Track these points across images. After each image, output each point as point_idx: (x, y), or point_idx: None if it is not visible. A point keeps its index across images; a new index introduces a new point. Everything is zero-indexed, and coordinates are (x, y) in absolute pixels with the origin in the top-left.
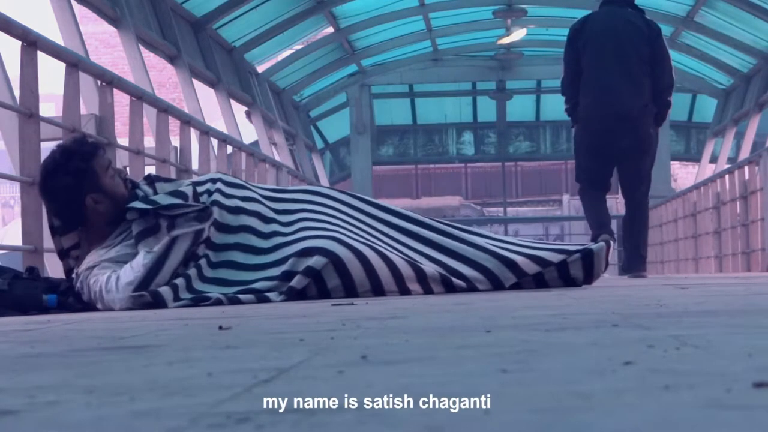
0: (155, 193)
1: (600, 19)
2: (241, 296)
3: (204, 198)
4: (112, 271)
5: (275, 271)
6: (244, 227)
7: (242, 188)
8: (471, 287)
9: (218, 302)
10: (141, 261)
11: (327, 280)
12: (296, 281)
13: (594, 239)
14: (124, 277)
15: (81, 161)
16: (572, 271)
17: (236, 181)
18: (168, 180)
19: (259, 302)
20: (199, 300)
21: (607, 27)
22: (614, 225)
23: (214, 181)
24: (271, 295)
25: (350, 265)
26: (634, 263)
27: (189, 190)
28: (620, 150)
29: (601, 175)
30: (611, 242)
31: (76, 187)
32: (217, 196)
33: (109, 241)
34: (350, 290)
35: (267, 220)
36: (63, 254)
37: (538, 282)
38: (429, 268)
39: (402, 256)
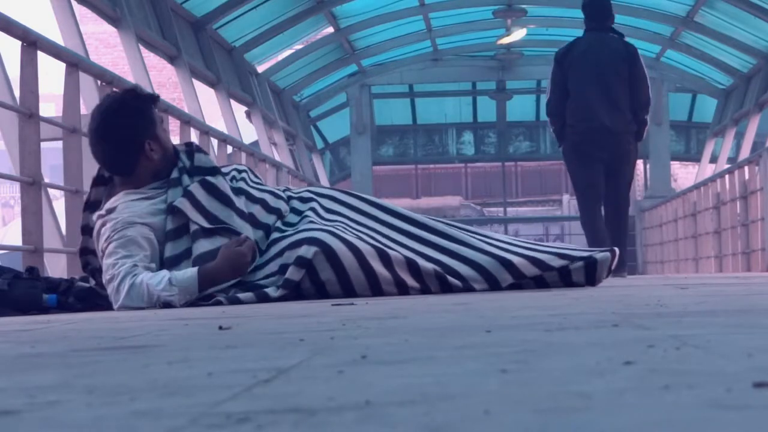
0: (192, 164)
1: (584, 43)
2: (241, 295)
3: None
4: (130, 275)
5: (273, 267)
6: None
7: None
8: (467, 287)
9: (218, 303)
10: (158, 291)
11: (319, 271)
12: (290, 273)
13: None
14: (136, 294)
15: (146, 107)
16: (574, 278)
17: (260, 180)
18: (206, 153)
19: (258, 300)
20: (200, 300)
21: (590, 51)
22: None
23: (239, 171)
24: (269, 290)
25: (342, 255)
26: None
27: (227, 188)
28: (603, 162)
29: (594, 178)
30: (616, 252)
31: (140, 129)
32: (242, 185)
33: (146, 190)
34: (345, 283)
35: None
36: (85, 229)
37: (538, 282)
38: (423, 262)
39: (396, 250)
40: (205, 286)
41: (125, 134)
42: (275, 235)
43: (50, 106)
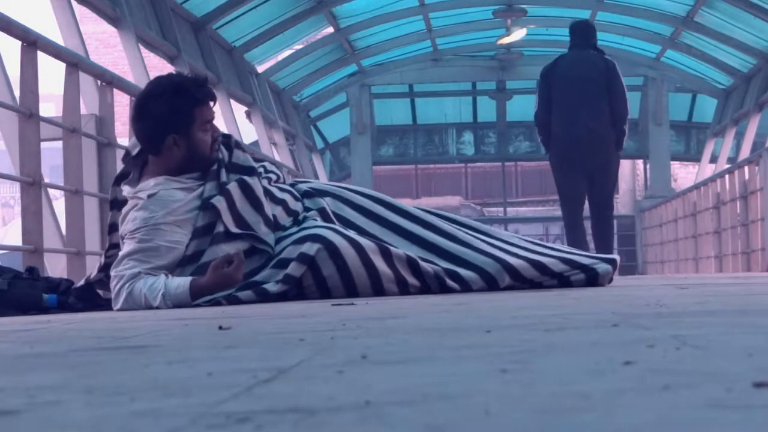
0: (230, 158)
1: (568, 60)
2: (240, 294)
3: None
4: (130, 282)
5: (273, 262)
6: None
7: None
8: (466, 288)
9: (217, 303)
10: (154, 304)
11: (322, 267)
12: (291, 268)
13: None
14: (133, 301)
15: (186, 102)
16: (573, 286)
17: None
18: (244, 151)
19: (258, 297)
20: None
21: (573, 67)
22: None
23: (267, 170)
24: (268, 285)
25: (344, 251)
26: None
27: (263, 194)
28: (586, 170)
29: (576, 188)
30: (617, 262)
31: (165, 122)
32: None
33: (185, 179)
34: (347, 278)
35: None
36: (113, 204)
37: (536, 287)
38: (423, 263)
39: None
40: (196, 299)
41: (152, 121)
42: (279, 233)
43: (50, 106)
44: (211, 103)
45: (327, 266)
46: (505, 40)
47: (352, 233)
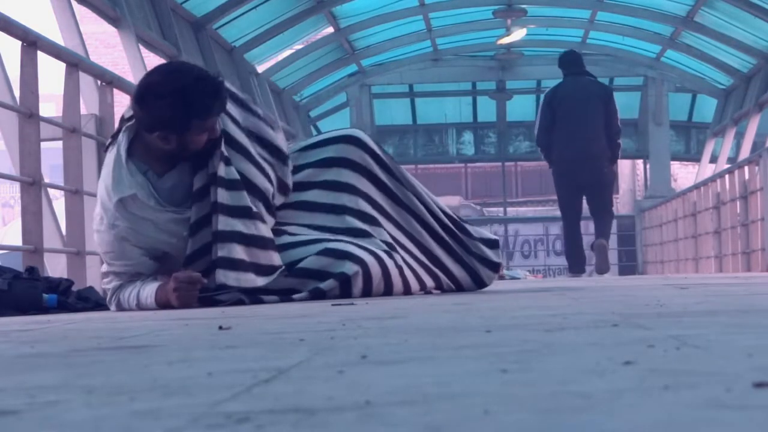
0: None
1: (568, 85)
2: (264, 297)
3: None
4: (116, 295)
5: (304, 265)
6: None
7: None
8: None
9: (240, 302)
10: (136, 309)
11: (353, 287)
12: (327, 285)
13: (569, 268)
14: (122, 309)
15: (185, 113)
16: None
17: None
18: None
19: (281, 301)
20: (220, 294)
21: (573, 91)
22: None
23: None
24: (296, 296)
25: (374, 271)
26: (603, 264)
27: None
28: (584, 184)
29: (573, 202)
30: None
31: (159, 122)
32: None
33: (168, 207)
34: (367, 293)
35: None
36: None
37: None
38: (430, 282)
39: (412, 266)
40: (163, 307)
41: (145, 114)
42: (287, 239)
43: (50, 106)
44: (215, 117)
45: (357, 286)
46: (505, 40)
47: (371, 246)
